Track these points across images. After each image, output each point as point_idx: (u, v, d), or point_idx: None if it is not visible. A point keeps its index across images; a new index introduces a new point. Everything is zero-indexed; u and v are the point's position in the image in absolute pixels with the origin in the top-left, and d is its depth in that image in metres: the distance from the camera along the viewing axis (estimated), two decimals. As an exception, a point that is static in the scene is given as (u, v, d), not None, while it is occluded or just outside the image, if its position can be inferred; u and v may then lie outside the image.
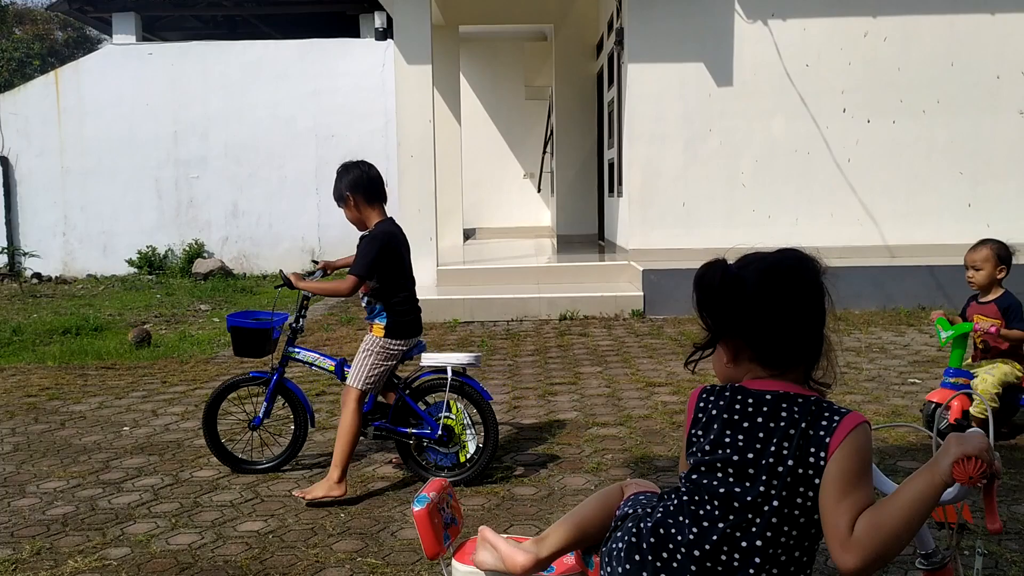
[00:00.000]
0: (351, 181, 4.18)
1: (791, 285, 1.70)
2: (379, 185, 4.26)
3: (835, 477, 1.54)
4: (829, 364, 1.73)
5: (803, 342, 1.70)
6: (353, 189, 4.18)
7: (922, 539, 1.75)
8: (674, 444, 4.83)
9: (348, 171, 4.22)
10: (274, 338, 4.52)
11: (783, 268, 1.72)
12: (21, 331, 9.55)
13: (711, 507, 1.63)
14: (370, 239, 4.15)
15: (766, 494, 1.59)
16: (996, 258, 4.63)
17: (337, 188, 4.24)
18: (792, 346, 1.69)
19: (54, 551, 3.61)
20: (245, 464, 4.60)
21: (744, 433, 1.65)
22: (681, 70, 9.75)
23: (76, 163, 16.76)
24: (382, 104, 16.42)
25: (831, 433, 1.58)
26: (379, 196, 4.26)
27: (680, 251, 9.64)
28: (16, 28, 32.08)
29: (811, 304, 1.70)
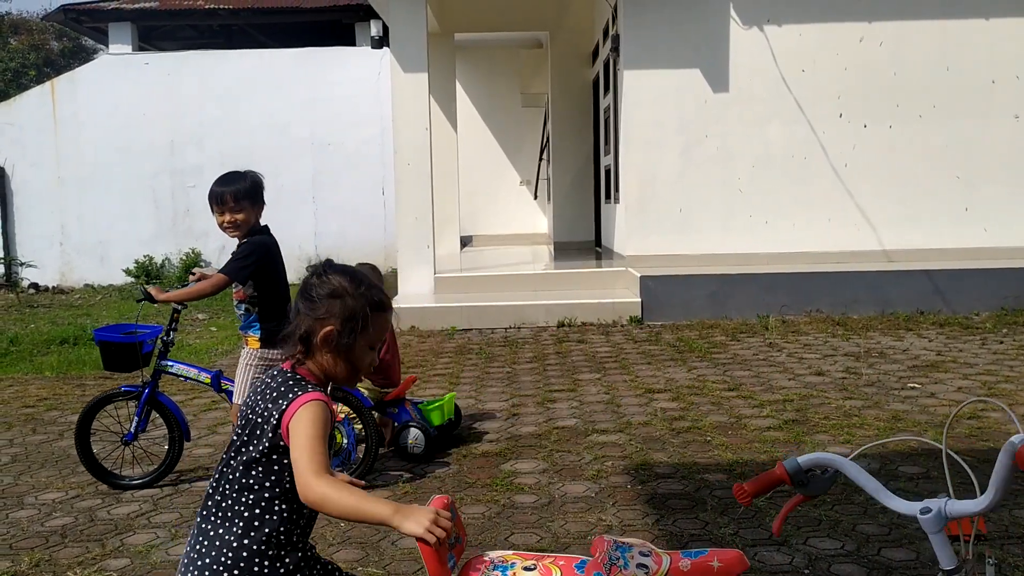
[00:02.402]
0: (237, 190, 4.02)
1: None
2: (250, 194, 4.06)
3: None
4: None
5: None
6: (249, 195, 4.04)
7: (943, 555, 1.68)
8: (674, 450, 4.82)
9: (234, 180, 4.05)
10: (146, 351, 4.49)
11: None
12: (18, 341, 9.52)
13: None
14: (248, 246, 4.06)
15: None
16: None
17: (234, 192, 4.03)
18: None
19: (53, 563, 3.60)
20: (117, 479, 4.53)
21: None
22: (677, 76, 9.76)
23: (72, 173, 16.75)
24: (378, 112, 16.45)
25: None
26: (251, 206, 4.09)
27: (677, 257, 9.65)
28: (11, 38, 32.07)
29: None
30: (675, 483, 4.31)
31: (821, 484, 1.88)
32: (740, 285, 8.98)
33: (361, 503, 1.79)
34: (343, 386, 2.05)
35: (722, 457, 4.66)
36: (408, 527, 1.74)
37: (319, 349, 1.97)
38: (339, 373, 2.00)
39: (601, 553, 1.84)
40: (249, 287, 4.09)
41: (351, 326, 1.97)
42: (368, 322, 1.99)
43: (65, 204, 16.85)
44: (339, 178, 16.67)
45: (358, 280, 2.02)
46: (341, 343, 1.97)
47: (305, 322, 1.98)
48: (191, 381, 4.48)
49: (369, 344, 2.02)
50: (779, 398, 5.85)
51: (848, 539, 3.56)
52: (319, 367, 2.00)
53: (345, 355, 1.98)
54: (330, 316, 1.96)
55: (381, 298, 2.03)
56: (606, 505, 4.06)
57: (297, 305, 2.02)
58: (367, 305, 1.99)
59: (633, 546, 1.87)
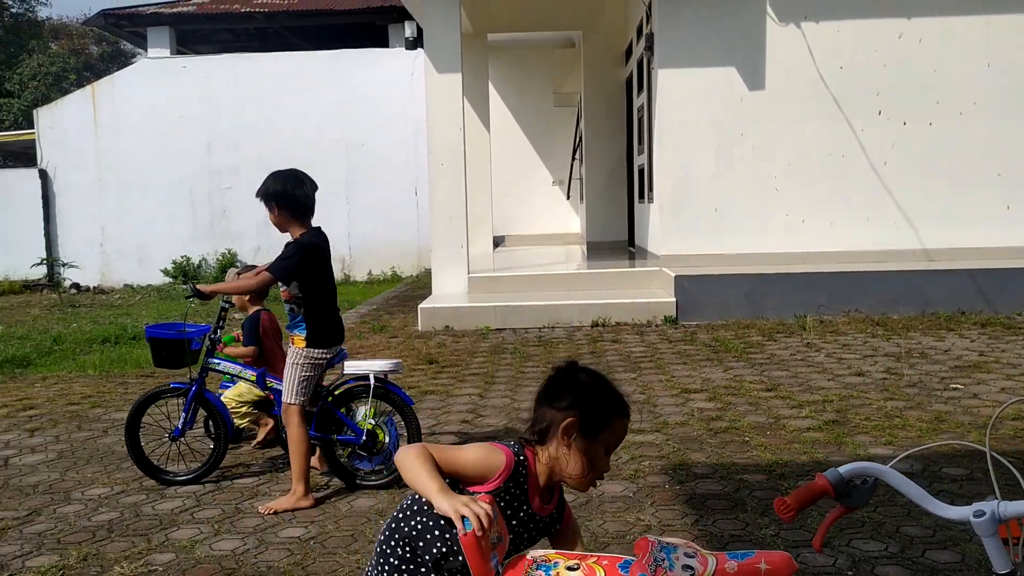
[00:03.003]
0: (276, 193, 4.10)
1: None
2: (300, 198, 4.16)
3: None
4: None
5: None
6: (277, 200, 4.12)
7: (998, 558, 1.65)
8: (712, 450, 4.79)
9: (277, 180, 4.13)
10: (194, 349, 4.53)
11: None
12: (61, 340, 9.71)
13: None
14: (295, 246, 4.14)
15: None
16: None
17: (261, 193, 4.15)
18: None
19: (100, 557, 3.66)
20: (164, 475, 4.58)
21: None
22: (712, 75, 9.70)
23: (112, 175, 17.05)
24: (410, 113, 16.55)
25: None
26: (304, 210, 4.19)
27: (712, 257, 9.59)
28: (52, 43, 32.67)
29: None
30: (714, 483, 4.29)
31: (863, 494, 1.84)
32: (777, 285, 8.90)
33: (419, 475, 1.90)
34: (555, 487, 2.13)
35: (761, 458, 4.63)
36: (441, 506, 1.83)
37: (558, 439, 2.01)
38: (569, 467, 2.03)
39: (646, 554, 1.83)
40: (294, 287, 4.14)
41: (593, 423, 2.01)
42: (610, 423, 2.03)
43: (105, 206, 17.15)
44: (372, 179, 16.79)
45: (604, 381, 2.09)
46: (581, 437, 2.00)
47: (546, 414, 2.04)
48: (237, 378, 4.53)
49: (606, 447, 2.05)
50: (818, 399, 5.79)
51: (892, 541, 3.51)
52: (550, 456, 2.04)
53: (583, 450, 2.01)
54: (573, 408, 2.01)
55: (624, 401, 2.08)
56: (644, 505, 4.04)
57: (540, 396, 2.08)
58: (611, 405, 2.04)
59: (678, 547, 1.86)
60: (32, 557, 3.68)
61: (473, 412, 5.82)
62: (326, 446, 4.41)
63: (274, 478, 4.64)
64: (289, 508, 4.10)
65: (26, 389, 7.18)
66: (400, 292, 13.57)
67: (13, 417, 6.20)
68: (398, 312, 10.86)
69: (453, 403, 6.09)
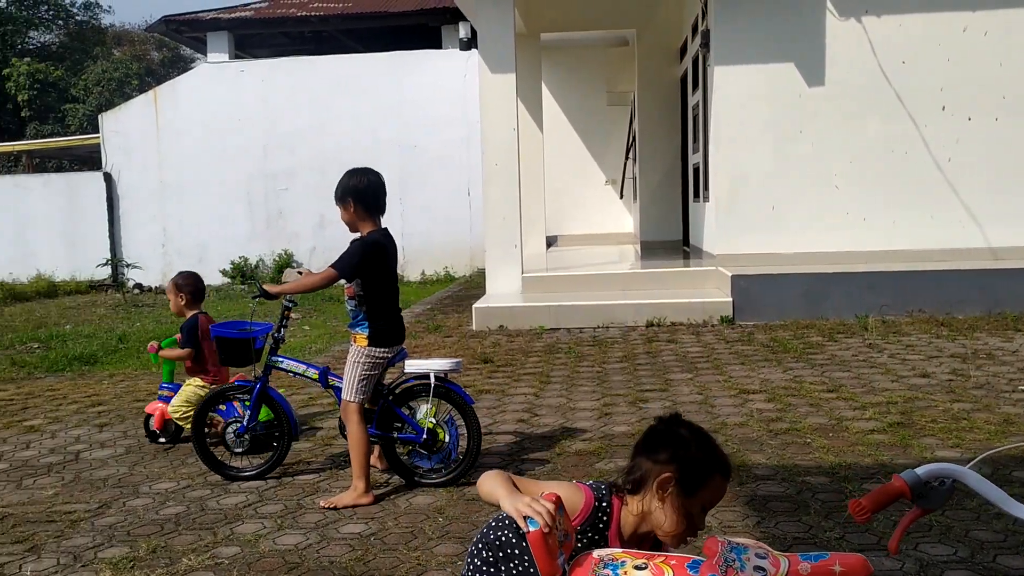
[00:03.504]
0: (355, 187, 4.21)
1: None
2: (379, 197, 4.27)
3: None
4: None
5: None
6: (355, 195, 4.21)
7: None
8: (772, 452, 4.73)
9: (355, 176, 4.24)
10: (258, 348, 4.58)
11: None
12: (126, 339, 9.97)
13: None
14: (360, 244, 4.21)
15: None
16: None
17: (339, 189, 4.24)
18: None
19: (169, 549, 3.75)
20: (229, 470, 4.65)
21: None
22: (770, 71, 9.56)
23: (173, 178, 17.44)
24: (463, 114, 16.62)
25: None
26: (377, 207, 4.28)
27: (770, 256, 9.45)
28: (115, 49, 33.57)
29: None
30: (775, 485, 4.23)
31: (940, 496, 1.80)
32: (837, 284, 8.74)
33: (492, 489, 1.96)
34: (650, 541, 2.08)
35: (824, 460, 4.55)
36: (505, 506, 1.87)
37: (652, 492, 1.98)
38: (665, 524, 1.99)
39: (715, 554, 1.81)
40: (357, 285, 4.20)
41: (690, 479, 1.97)
42: (709, 481, 1.99)
43: (166, 208, 17.55)
44: (425, 179, 16.89)
45: (706, 438, 2.04)
46: (678, 492, 1.97)
47: (643, 465, 2.01)
48: (300, 377, 4.60)
49: (703, 505, 2.01)
50: (882, 400, 5.67)
51: (961, 545, 3.42)
52: (642, 507, 2.01)
53: (678, 506, 1.97)
54: (671, 463, 1.97)
55: (725, 461, 2.03)
56: (704, 506, 4.00)
57: (638, 446, 2.06)
58: (711, 463, 1.99)
59: (748, 547, 1.84)
60: (104, 548, 3.79)
61: (529, 411, 5.83)
62: (386, 444, 4.45)
63: (334, 475, 4.70)
64: (350, 504, 4.15)
65: (94, 386, 7.38)
66: (453, 292, 13.64)
67: (83, 413, 6.38)
68: (452, 312, 10.92)
69: (509, 402, 6.10)
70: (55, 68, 27.62)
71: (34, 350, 9.59)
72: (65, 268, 17.54)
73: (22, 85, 26.37)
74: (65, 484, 4.73)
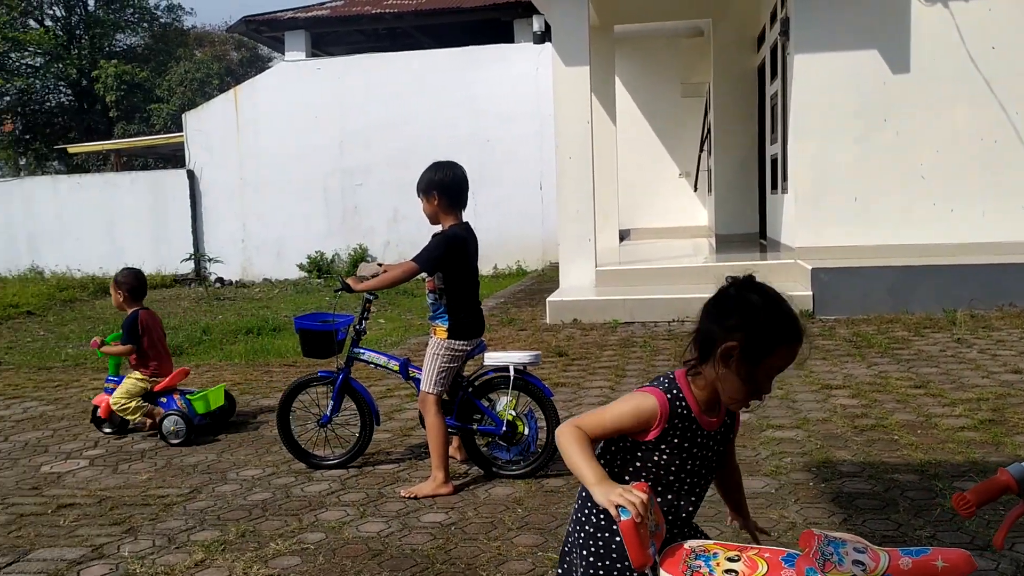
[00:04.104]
0: (440, 180, 4.24)
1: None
2: (463, 191, 4.31)
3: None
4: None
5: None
6: (439, 188, 4.24)
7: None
8: (858, 448, 4.61)
9: (440, 170, 4.27)
10: (340, 340, 4.64)
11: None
12: (209, 331, 10.26)
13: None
14: (441, 237, 4.25)
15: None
16: None
17: (424, 181, 4.27)
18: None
19: (257, 534, 3.86)
20: (313, 459, 4.75)
21: None
22: (852, 58, 9.31)
23: (253, 175, 17.88)
24: (535, 108, 16.61)
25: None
26: (460, 200, 4.31)
27: (852, 248, 9.21)
28: (196, 50, 34.56)
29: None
30: (862, 482, 4.12)
31: None
32: (923, 277, 8.47)
33: (579, 462, 1.89)
34: (720, 405, 2.01)
35: (912, 457, 4.42)
36: (597, 496, 1.82)
37: (716, 360, 1.91)
38: (727, 390, 1.94)
39: (812, 547, 1.78)
40: (439, 278, 4.24)
41: (756, 348, 1.87)
42: (776, 349, 1.89)
43: (246, 204, 18.02)
44: (498, 174, 16.95)
45: (778, 304, 1.92)
46: (742, 361, 1.88)
47: (710, 330, 1.93)
48: (381, 368, 4.67)
49: (769, 372, 1.91)
50: (972, 396, 5.47)
51: (1063, 548, 3.29)
52: (708, 378, 1.96)
53: (743, 375, 1.89)
54: (737, 331, 1.88)
55: (797, 328, 1.91)
56: (788, 502, 3.93)
57: (707, 310, 1.97)
58: (780, 332, 1.89)
59: (846, 541, 1.80)
60: (196, 532, 3.92)
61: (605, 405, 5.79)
62: (466, 435, 4.49)
63: (414, 465, 4.77)
64: (430, 494, 4.20)
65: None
66: (526, 286, 13.67)
67: (171, 401, 6.59)
68: (525, 305, 10.94)
69: (585, 395, 6.09)
70: (141, 69, 28.57)
71: (124, 341, 9.94)
72: (151, 263, 18.13)
73: (110, 86, 27.36)
74: (158, 469, 4.91)
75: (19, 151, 32.62)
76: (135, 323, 5.55)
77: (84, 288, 15.41)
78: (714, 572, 1.81)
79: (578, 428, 1.96)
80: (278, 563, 3.54)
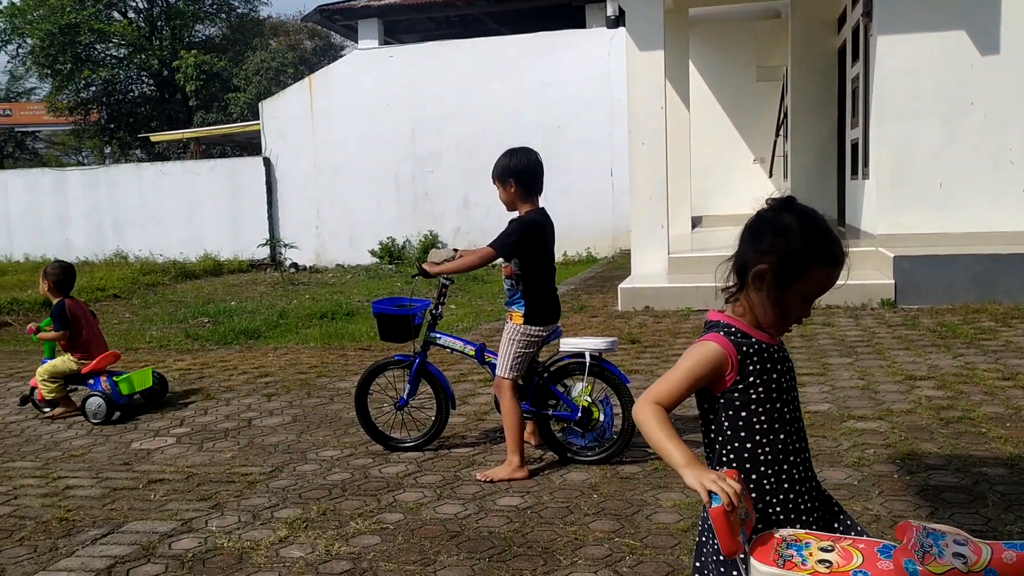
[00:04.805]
0: (515, 167, 4.24)
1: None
2: (539, 176, 4.31)
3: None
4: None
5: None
6: (516, 176, 4.24)
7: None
8: (944, 441, 4.48)
9: (515, 156, 4.27)
10: (417, 324, 4.67)
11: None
12: (286, 315, 10.50)
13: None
14: (518, 223, 4.26)
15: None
16: None
17: (499, 168, 4.28)
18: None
19: (337, 513, 3.94)
20: (390, 441, 4.82)
21: None
22: (938, 40, 8.97)
23: (326, 162, 18.17)
24: (606, 94, 16.48)
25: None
26: (536, 186, 4.30)
27: (936, 236, 8.91)
28: (271, 40, 35.23)
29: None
30: (948, 475, 4.00)
31: None
32: (1013, 266, 8.14)
33: (664, 442, 1.84)
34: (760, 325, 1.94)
35: (1002, 451, 4.27)
36: (689, 480, 1.78)
37: (749, 286, 1.89)
38: (764, 316, 1.92)
39: (911, 539, 1.73)
40: (515, 264, 4.25)
41: (787, 270, 1.84)
42: (808, 272, 1.85)
43: (319, 190, 18.33)
44: (568, 161, 16.87)
45: (812, 225, 1.87)
46: (772, 284, 1.86)
47: (744, 254, 1.91)
48: (457, 353, 4.71)
49: (803, 296, 1.88)
50: (1066, 390, 5.26)
51: None
52: (747, 305, 1.93)
53: (774, 299, 1.87)
54: (769, 254, 1.86)
55: (832, 249, 1.86)
56: (871, 494, 3.84)
57: (743, 234, 1.95)
58: (812, 253, 1.85)
59: (946, 533, 1.74)
60: (279, 509, 4.02)
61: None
62: (541, 420, 4.50)
63: (488, 449, 4.80)
64: (505, 478, 4.23)
65: (261, 358, 7.82)
66: (596, 272, 13.62)
67: (252, 383, 6.78)
68: (596, 292, 10.90)
69: (659, 383, 6.03)
70: (219, 59, 29.24)
71: (204, 324, 10.26)
72: (228, 248, 18.63)
73: (190, 76, 28.07)
74: (241, 448, 5.05)
75: (105, 140, 33.82)
76: (62, 311, 5.96)
77: (166, 272, 15.92)
78: (807, 561, 1.78)
79: (656, 405, 1.92)
80: (358, 542, 3.61)
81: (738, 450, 1.96)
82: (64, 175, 20.54)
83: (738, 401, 1.95)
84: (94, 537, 3.80)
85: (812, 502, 1.99)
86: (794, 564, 1.78)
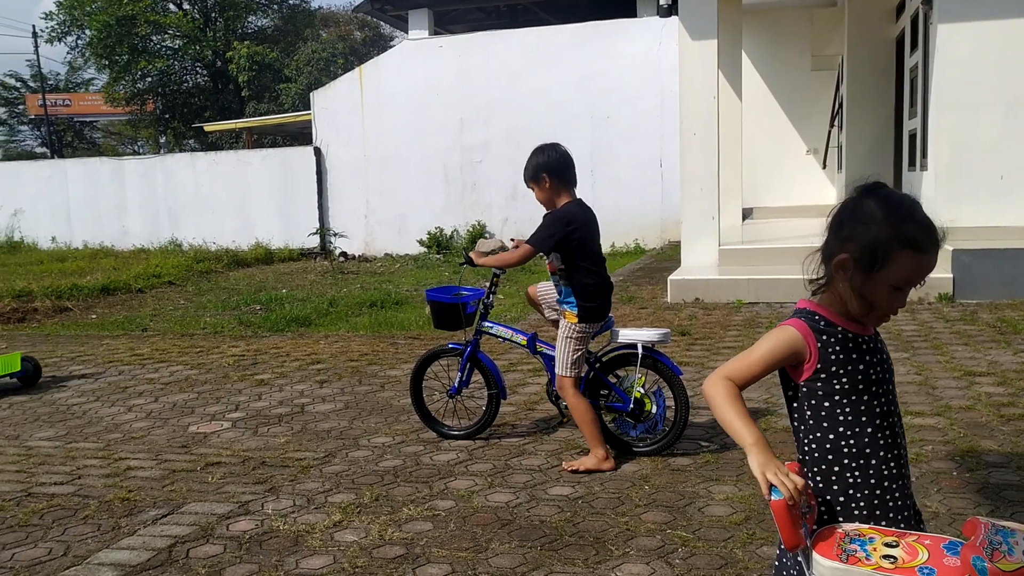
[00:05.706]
0: (546, 162, 4.21)
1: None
2: (571, 168, 4.28)
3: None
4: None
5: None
6: (548, 171, 4.21)
7: None
8: (1005, 438, 4.37)
9: (543, 152, 4.24)
10: (469, 313, 4.67)
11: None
12: (336, 303, 10.62)
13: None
14: (552, 216, 4.21)
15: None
16: None
17: (531, 168, 4.25)
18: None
19: (390, 499, 3.99)
20: (442, 428, 4.85)
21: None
22: (1001, 28, 8.73)
23: (376, 152, 18.31)
24: (656, 84, 16.34)
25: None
26: (569, 178, 4.27)
27: (997, 229, 8.68)
28: (322, 31, 35.57)
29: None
30: (1010, 473, 3.92)
31: None
32: (1077, 261, 7.92)
33: (734, 418, 1.82)
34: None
35: (1067, 450, 4.16)
36: (752, 464, 1.76)
37: (835, 276, 1.85)
38: (852, 307, 1.87)
39: (979, 536, 1.70)
40: (556, 259, 4.23)
41: (868, 258, 1.78)
42: (892, 259, 1.77)
43: (369, 180, 18.48)
44: (616, 151, 16.78)
45: (896, 210, 1.79)
46: (857, 273, 1.80)
47: (829, 244, 1.87)
48: (508, 342, 4.73)
49: (892, 284, 1.80)
50: None
51: None
52: (835, 295, 1.89)
53: (858, 289, 1.82)
54: (850, 242, 1.80)
55: (917, 236, 1.77)
56: (930, 491, 3.77)
57: (829, 223, 1.90)
58: (897, 240, 1.76)
59: (1016, 531, 1.71)
60: (332, 494, 4.09)
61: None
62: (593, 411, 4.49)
63: (538, 439, 4.81)
64: (592, 468, 4.21)
65: (312, 345, 7.93)
66: (645, 264, 13.54)
67: (304, 370, 6.88)
68: (645, 284, 10.84)
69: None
70: (271, 50, 29.64)
71: (256, 312, 10.43)
72: (279, 237, 18.89)
73: (242, 67, 28.50)
74: (294, 433, 5.13)
75: (160, 130, 34.52)
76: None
77: (219, 260, 16.20)
78: (871, 557, 1.75)
79: (728, 380, 1.88)
80: (411, 528, 3.65)
81: (820, 440, 1.92)
82: (121, 164, 21.00)
83: (820, 391, 1.91)
84: (155, 517, 3.90)
85: (903, 500, 1.93)
86: (858, 559, 1.76)
